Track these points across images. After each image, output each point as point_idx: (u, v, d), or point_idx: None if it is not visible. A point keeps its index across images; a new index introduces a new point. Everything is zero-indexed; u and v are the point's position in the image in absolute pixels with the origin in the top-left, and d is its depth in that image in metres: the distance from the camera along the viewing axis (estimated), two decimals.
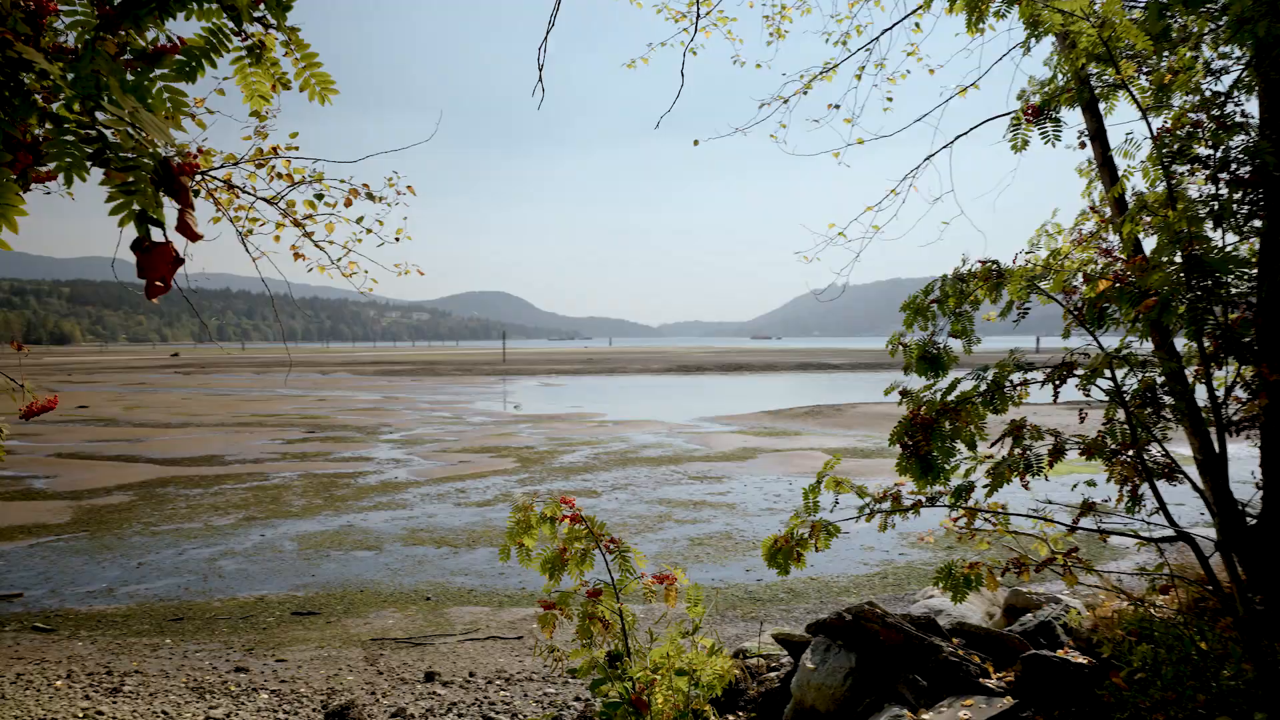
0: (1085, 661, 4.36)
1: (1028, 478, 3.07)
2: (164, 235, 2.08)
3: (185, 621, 9.98)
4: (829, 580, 11.51)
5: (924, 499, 3.15)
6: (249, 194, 3.76)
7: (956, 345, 3.33)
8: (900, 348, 3.30)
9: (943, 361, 3.21)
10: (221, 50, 2.16)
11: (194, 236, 2.20)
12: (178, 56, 2.10)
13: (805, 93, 5.04)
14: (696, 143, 4.81)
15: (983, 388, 3.06)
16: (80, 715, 6.30)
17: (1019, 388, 3.10)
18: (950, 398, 3.11)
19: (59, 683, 7.35)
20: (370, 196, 4.16)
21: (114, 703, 6.73)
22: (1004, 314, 3.18)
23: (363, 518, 15.56)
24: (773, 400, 44.65)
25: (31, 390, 3.07)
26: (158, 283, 2.13)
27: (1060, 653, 4.47)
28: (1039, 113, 3.38)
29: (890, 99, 5.44)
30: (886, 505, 3.17)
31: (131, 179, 1.85)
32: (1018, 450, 3.06)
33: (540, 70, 5.01)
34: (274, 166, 3.75)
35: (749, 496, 17.41)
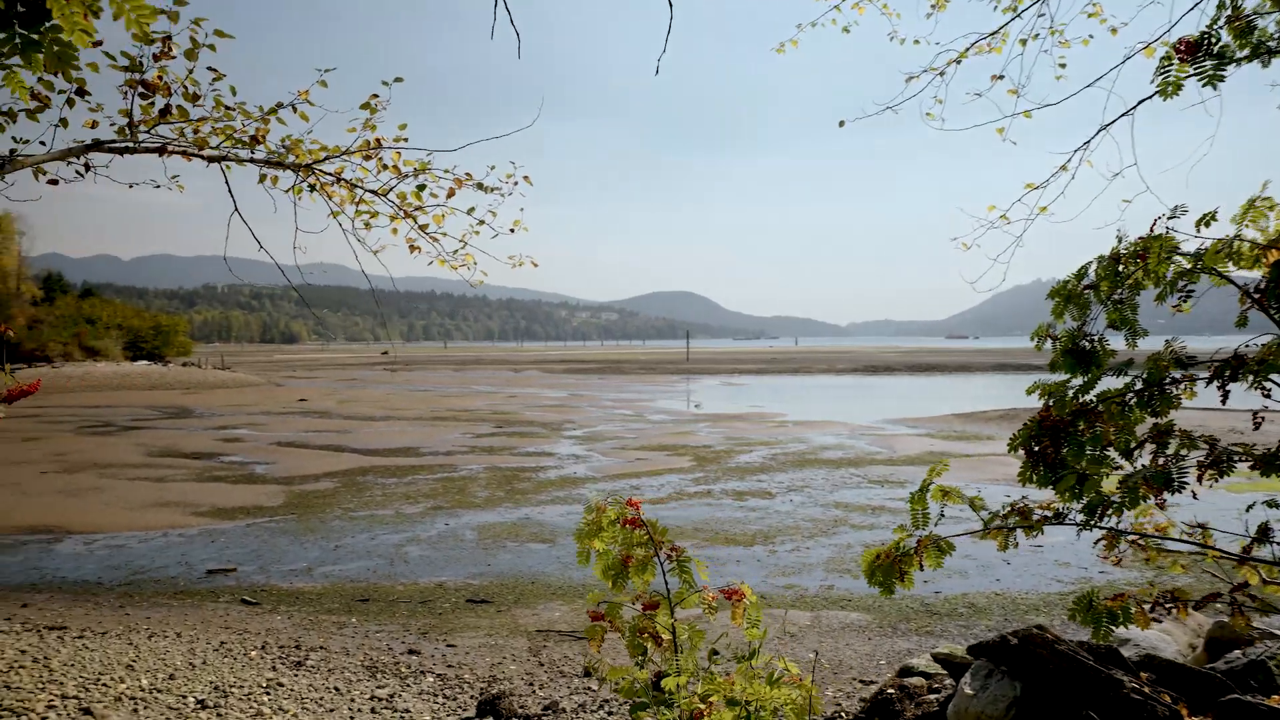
0: None
1: (1165, 495, 2.57)
2: None
3: (370, 603, 10.58)
4: (1016, 597, 10.69)
5: (1049, 515, 2.72)
6: (359, 187, 3.84)
7: (1118, 340, 2.85)
8: (1049, 340, 2.86)
9: (1096, 356, 2.73)
10: None
11: None
12: None
13: (959, 62, 4.57)
14: (842, 124, 4.50)
15: (1137, 385, 2.58)
16: (263, 685, 6.76)
17: (1182, 385, 2.59)
18: (1088, 396, 2.66)
19: (253, 653, 7.95)
20: (480, 187, 4.16)
21: (295, 675, 7.18)
22: (1160, 298, 2.67)
23: (539, 511, 16.00)
24: (965, 403, 42.40)
25: (9, 379, 3.26)
26: None
27: (1273, 700, 3.83)
28: (1194, 48, 2.82)
29: (1063, 64, 4.84)
30: (1011, 520, 2.77)
31: None
32: (1159, 461, 2.56)
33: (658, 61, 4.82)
34: (383, 159, 3.82)
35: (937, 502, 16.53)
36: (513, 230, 4.26)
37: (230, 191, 3.62)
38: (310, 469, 21.25)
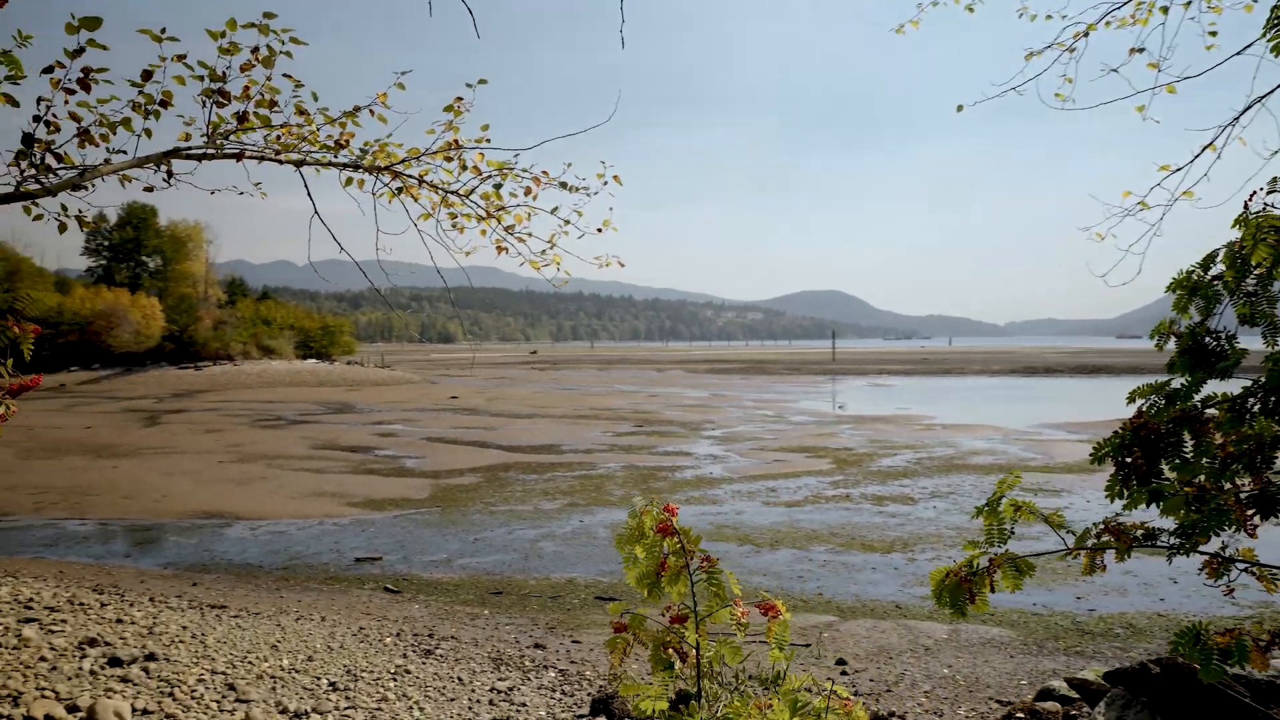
0: None
1: (1256, 520, 2.18)
2: None
3: (504, 595, 10.85)
4: (1181, 619, 9.82)
5: (1138, 536, 2.37)
6: (442, 189, 3.87)
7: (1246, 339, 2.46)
8: (1171, 338, 2.51)
9: (1227, 356, 2.36)
10: None
11: None
12: None
13: (1086, 36, 4.14)
14: (960, 108, 4.19)
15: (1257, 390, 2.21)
16: (392, 671, 7.02)
17: None
18: (1193, 400, 2.30)
19: (388, 639, 8.28)
20: (564, 185, 4.12)
21: (423, 663, 7.43)
22: None
23: None
24: (1134, 406, 39.52)
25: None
26: None
27: None
28: None
29: (1214, 32, 4.31)
30: (1102, 540, 2.45)
31: None
32: (1260, 478, 2.17)
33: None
34: (464, 159, 3.84)
35: (1090, 514, 15.44)
36: (600, 230, 4.22)
37: (310, 195, 3.75)
38: (456, 464, 22.07)
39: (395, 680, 6.77)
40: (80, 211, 3.45)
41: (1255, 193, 2.46)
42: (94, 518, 15.72)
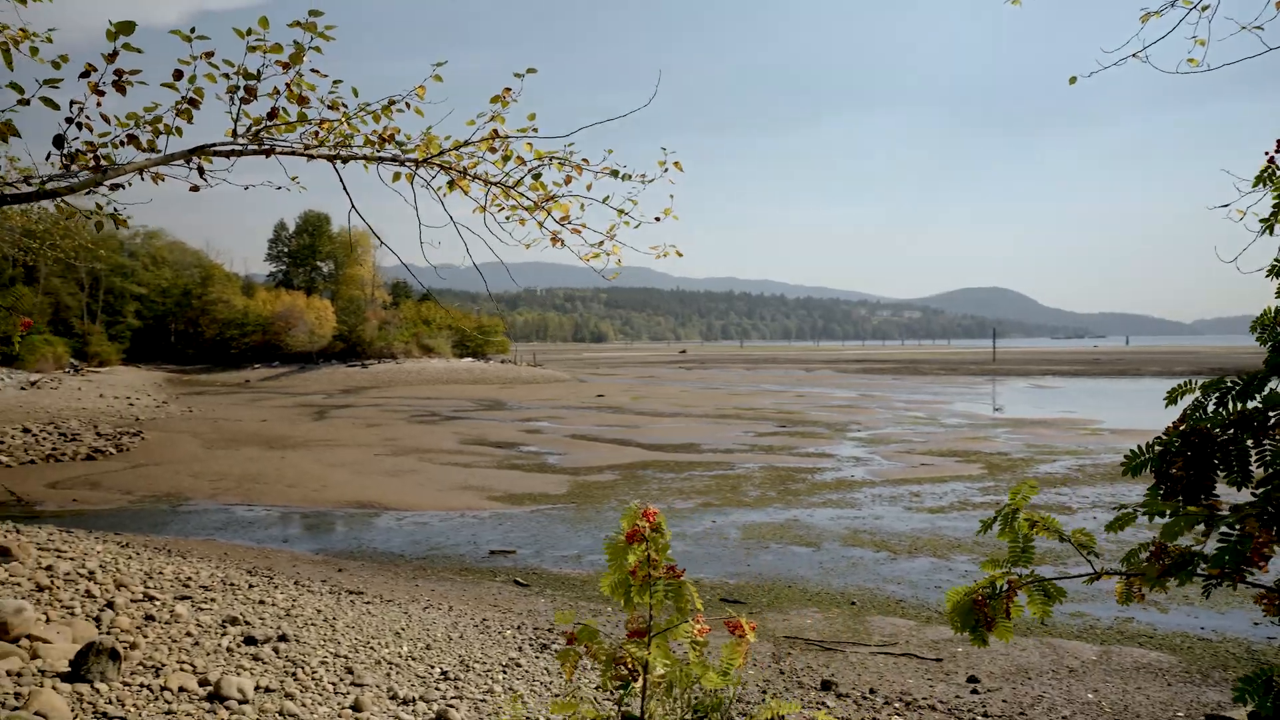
0: None
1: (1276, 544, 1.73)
2: None
3: None
4: None
5: (1171, 560, 1.96)
6: (485, 180, 3.80)
7: None
8: (1275, 331, 2.07)
9: None
10: None
11: None
12: None
13: None
14: (1073, 80, 3.76)
15: None
16: (504, 663, 7.11)
17: None
18: (1253, 402, 1.87)
19: (508, 632, 8.41)
20: (614, 174, 3.97)
21: (536, 657, 7.49)
22: None
23: (809, 514, 15.59)
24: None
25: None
26: None
27: None
28: None
29: None
30: (1136, 565, 2.05)
31: None
32: None
33: None
34: (512, 150, 3.75)
35: None
36: (658, 219, 4.06)
37: (346, 189, 3.77)
38: (596, 461, 22.36)
39: (505, 672, 6.86)
40: (116, 210, 3.65)
41: None
42: (261, 504, 16.86)
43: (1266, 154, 2.58)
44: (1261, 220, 2.58)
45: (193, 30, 3.15)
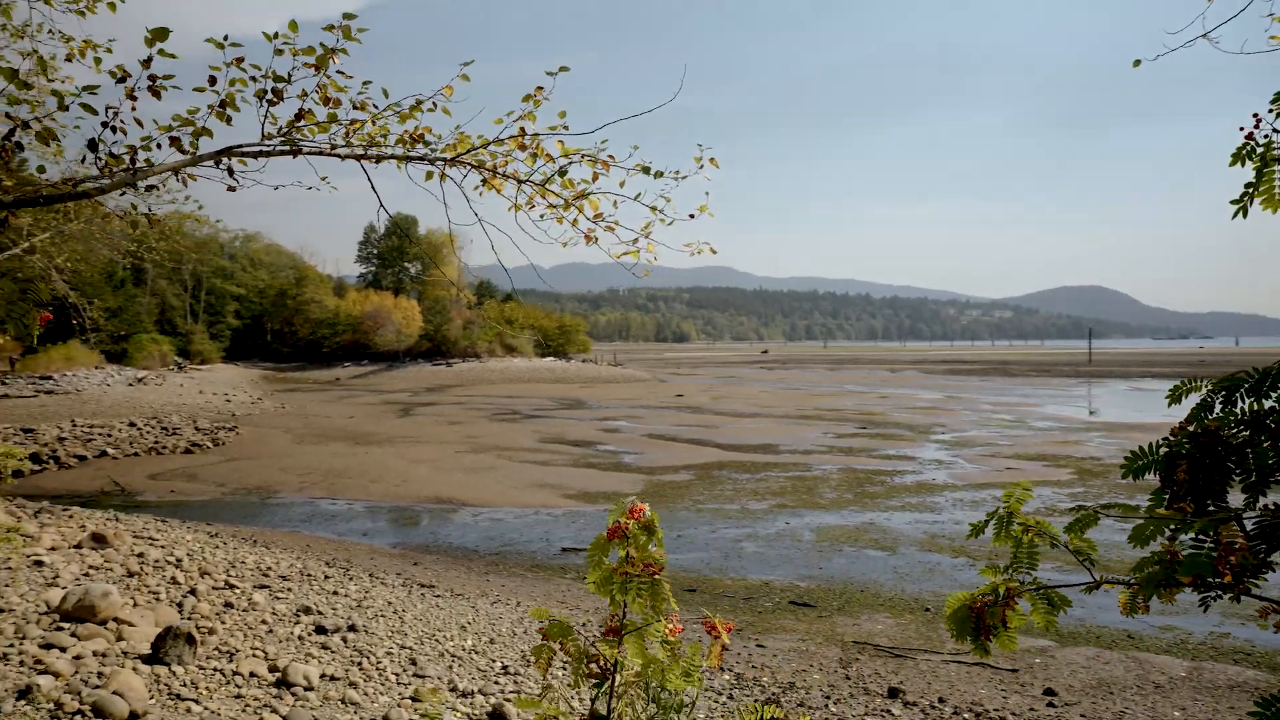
0: None
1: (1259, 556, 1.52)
2: None
3: (696, 594, 10.79)
4: None
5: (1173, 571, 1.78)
6: (515, 179, 3.78)
7: None
8: None
9: None
10: None
11: None
12: None
13: None
14: (1137, 63, 3.53)
15: None
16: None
17: None
18: (1270, 401, 1.67)
19: (574, 629, 8.45)
20: (645, 171, 3.90)
21: None
22: None
23: (886, 517, 15.26)
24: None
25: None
26: None
27: None
28: None
29: None
30: (1145, 574, 1.87)
31: None
32: None
33: None
34: (542, 147, 3.71)
35: None
36: (693, 216, 3.98)
37: (374, 189, 3.81)
38: (672, 461, 22.33)
39: (566, 669, 6.88)
40: (150, 210, 3.79)
41: None
42: (344, 498, 17.37)
43: (1242, 129, 2.46)
44: (1233, 201, 2.43)
45: (225, 38, 3.26)
